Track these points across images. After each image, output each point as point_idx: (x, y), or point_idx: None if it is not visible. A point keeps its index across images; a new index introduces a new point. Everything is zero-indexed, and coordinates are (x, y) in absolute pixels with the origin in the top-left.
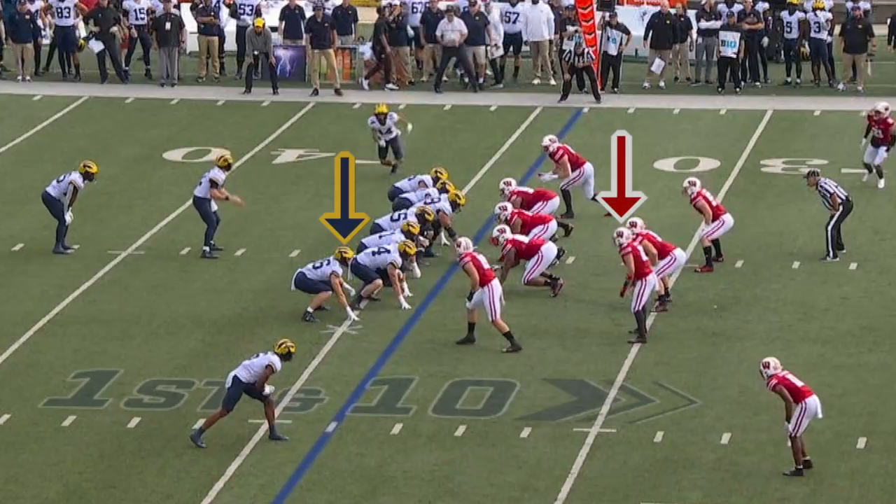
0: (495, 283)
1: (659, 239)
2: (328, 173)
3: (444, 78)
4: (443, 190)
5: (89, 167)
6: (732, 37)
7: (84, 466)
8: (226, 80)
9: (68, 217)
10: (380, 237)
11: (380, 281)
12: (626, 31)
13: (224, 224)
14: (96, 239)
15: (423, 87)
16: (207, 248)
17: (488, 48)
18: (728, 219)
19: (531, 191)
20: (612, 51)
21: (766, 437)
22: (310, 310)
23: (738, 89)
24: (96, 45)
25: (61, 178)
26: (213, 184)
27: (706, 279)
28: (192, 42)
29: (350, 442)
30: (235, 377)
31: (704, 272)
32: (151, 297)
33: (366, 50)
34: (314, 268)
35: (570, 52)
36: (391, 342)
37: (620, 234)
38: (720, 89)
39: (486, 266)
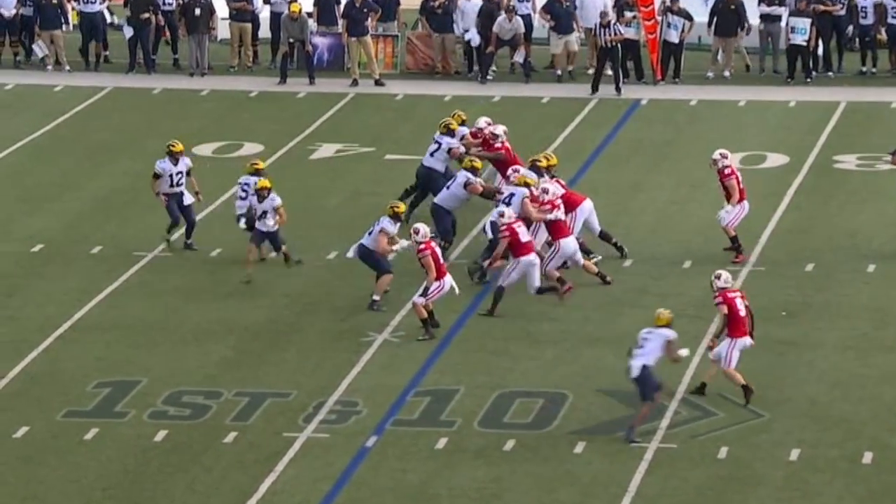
0: (448, 278)
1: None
2: (368, 169)
3: (494, 68)
4: (447, 133)
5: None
6: (803, 23)
7: (107, 482)
8: (259, 70)
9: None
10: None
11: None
12: (688, 17)
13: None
14: (120, 239)
15: (469, 77)
16: (184, 240)
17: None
18: (747, 205)
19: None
20: (674, 38)
21: (838, 454)
22: (376, 298)
23: (808, 79)
24: (127, 31)
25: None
26: (155, 175)
27: (774, 283)
28: (223, 29)
29: (391, 457)
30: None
31: (739, 262)
32: (179, 302)
33: (473, 36)
34: (368, 234)
35: (596, 25)
36: (435, 350)
37: (502, 215)
38: (789, 79)
39: (442, 260)
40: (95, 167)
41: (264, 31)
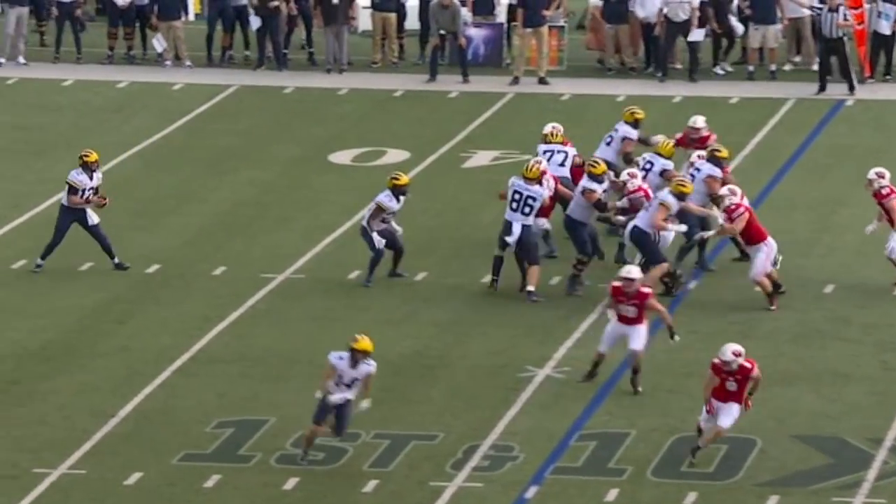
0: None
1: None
2: None
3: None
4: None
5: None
6: None
7: None
8: (405, 66)
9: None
10: None
11: (667, 264)
12: None
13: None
14: (247, 260)
15: (648, 74)
16: (40, 261)
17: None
18: None
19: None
20: (885, 29)
21: None
22: (531, 288)
23: None
24: (255, 22)
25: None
26: (72, 189)
27: None
28: (364, 19)
29: None
30: None
31: None
32: (312, 331)
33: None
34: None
35: (823, 10)
36: (602, 388)
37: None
38: None
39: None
40: (218, 177)
41: (411, 22)
